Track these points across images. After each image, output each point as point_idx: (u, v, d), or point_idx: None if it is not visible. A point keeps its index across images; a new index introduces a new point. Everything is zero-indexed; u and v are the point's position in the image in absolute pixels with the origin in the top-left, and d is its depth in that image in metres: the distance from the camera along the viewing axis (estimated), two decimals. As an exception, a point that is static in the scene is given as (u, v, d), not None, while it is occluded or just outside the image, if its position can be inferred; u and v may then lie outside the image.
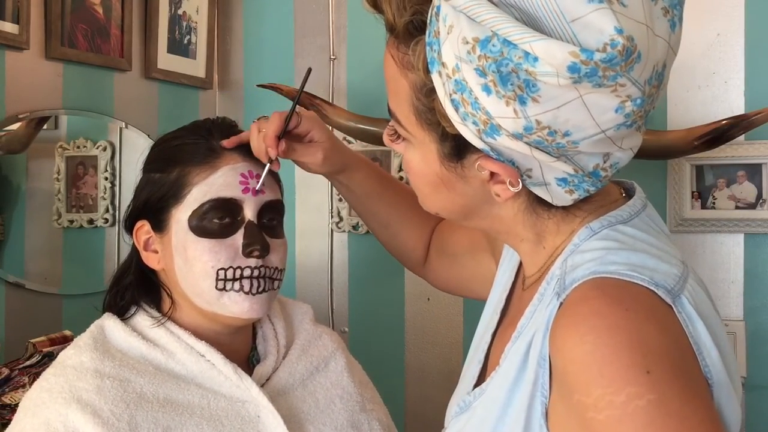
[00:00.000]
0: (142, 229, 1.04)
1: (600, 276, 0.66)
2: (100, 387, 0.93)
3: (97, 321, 1.05)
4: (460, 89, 0.66)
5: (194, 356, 1.00)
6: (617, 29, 0.60)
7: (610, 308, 0.63)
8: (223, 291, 0.99)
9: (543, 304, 0.73)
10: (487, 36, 0.62)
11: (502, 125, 0.65)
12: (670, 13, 0.65)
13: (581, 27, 0.61)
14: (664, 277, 0.66)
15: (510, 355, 0.75)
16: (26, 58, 1.67)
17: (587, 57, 0.59)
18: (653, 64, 0.64)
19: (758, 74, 1.68)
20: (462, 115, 0.67)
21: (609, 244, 0.71)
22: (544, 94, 0.62)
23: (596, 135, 0.65)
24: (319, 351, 1.14)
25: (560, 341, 0.65)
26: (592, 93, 0.62)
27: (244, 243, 0.99)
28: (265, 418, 0.99)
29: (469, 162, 0.72)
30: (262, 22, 2.22)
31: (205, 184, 1.00)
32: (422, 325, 2.04)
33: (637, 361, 0.60)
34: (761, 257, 1.69)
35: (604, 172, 0.70)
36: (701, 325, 0.65)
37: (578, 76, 0.60)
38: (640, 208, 0.77)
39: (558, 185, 0.71)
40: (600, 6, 0.60)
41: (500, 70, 0.62)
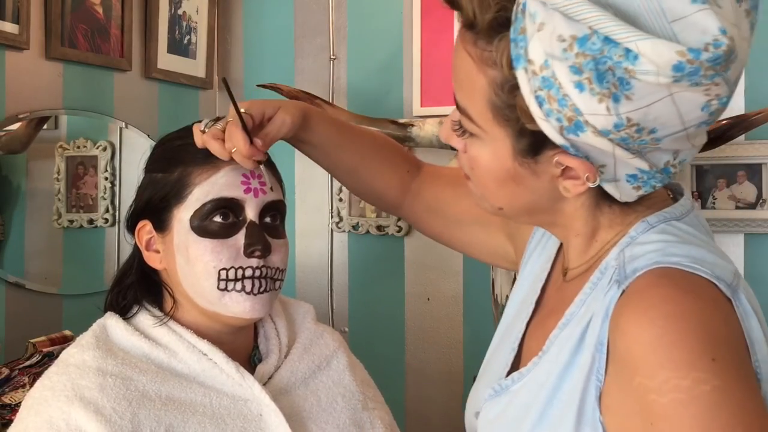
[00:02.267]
0: (144, 228, 1.05)
1: (664, 266, 0.68)
2: (103, 385, 0.93)
3: (99, 320, 1.05)
4: (547, 86, 0.66)
5: (196, 355, 1.00)
6: (722, 30, 0.61)
7: (678, 295, 0.65)
8: (225, 291, 0.99)
9: (598, 292, 0.74)
10: (585, 34, 0.63)
11: (590, 122, 0.66)
12: (751, 15, 0.66)
13: (683, 26, 0.62)
14: (723, 271, 0.68)
15: (559, 342, 0.76)
16: (26, 58, 1.67)
17: (694, 56, 0.60)
18: (742, 64, 0.66)
19: (758, 74, 1.68)
20: (546, 111, 0.68)
21: (668, 237, 0.73)
22: (637, 92, 0.63)
23: (679, 132, 0.67)
24: (321, 350, 1.15)
25: (627, 325, 0.66)
26: (685, 91, 0.63)
27: (245, 243, 0.99)
28: (268, 417, 0.99)
29: (545, 158, 0.73)
30: (262, 22, 2.22)
31: (207, 184, 1.00)
32: (422, 325, 2.04)
33: (705, 348, 0.62)
34: (761, 257, 1.69)
35: (674, 169, 0.72)
36: (755, 321, 0.67)
37: (681, 74, 0.61)
38: (690, 208, 0.78)
39: (627, 181, 0.72)
40: (704, 6, 0.61)
41: (598, 67, 0.63)
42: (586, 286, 0.76)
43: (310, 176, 2.12)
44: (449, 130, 0.81)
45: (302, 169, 2.16)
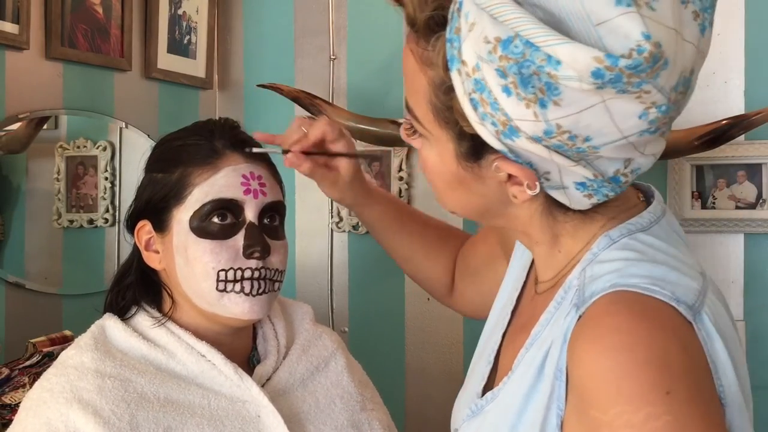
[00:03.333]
0: (143, 228, 1.05)
1: (621, 289, 0.65)
2: (101, 387, 0.93)
3: (97, 321, 1.05)
4: (479, 89, 0.64)
5: (195, 356, 1.00)
6: (644, 35, 0.58)
7: (631, 324, 0.62)
8: (224, 292, 0.99)
9: (560, 313, 0.71)
10: (509, 36, 0.61)
11: (521, 128, 0.64)
12: (701, 17, 0.64)
13: (607, 31, 0.59)
14: (685, 291, 0.65)
15: (524, 363, 0.74)
16: (26, 58, 1.67)
17: (612, 63, 0.58)
18: (680, 70, 0.62)
19: (758, 74, 1.68)
20: (481, 115, 0.66)
21: (629, 255, 0.69)
22: (565, 98, 0.61)
23: (618, 141, 0.63)
24: (319, 351, 1.14)
25: (580, 355, 0.64)
26: (615, 99, 0.60)
27: (244, 244, 0.99)
28: (266, 418, 0.99)
29: (487, 162, 0.71)
30: (262, 22, 2.22)
31: (207, 185, 1.00)
32: (422, 325, 2.04)
33: (657, 380, 0.59)
34: (761, 257, 1.69)
35: (625, 178, 0.69)
36: (720, 343, 0.64)
37: (602, 81, 0.59)
38: (660, 215, 0.75)
39: (576, 189, 0.69)
40: (628, 10, 0.59)
41: (521, 72, 0.61)
42: (551, 305, 0.74)
43: (310, 176, 2.12)
44: (404, 130, 0.79)
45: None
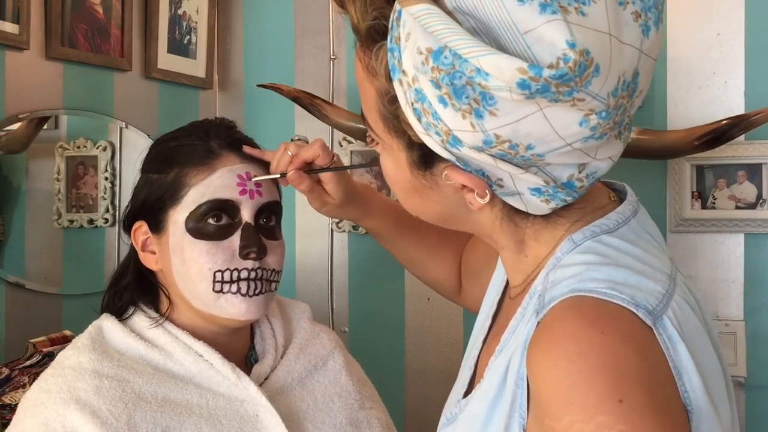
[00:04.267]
0: (140, 229, 1.05)
1: (578, 294, 0.64)
2: (99, 387, 0.93)
3: (95, 322, 1.05)
4: (420, 99, 0.63)
5: (192, 356, 1.00)
6: (569, 43, 0.57)
7: (585, 331, 0.61)
8: (220, 293, 0.99)
9: (524, 320, 0.70)
10: (439, 47, 0.60)
11: (461, 138, 0.63)
12: (643, 17, 0.62)
13: (534, 39, 0.58)
14: (646, 295, 0.63)
15: (492, 370, 0.73)
16: (26, 58, 1.67)
17: (536, 74, 0.57)
18: (618, 74, 0.60)
19: (758, 74, 1.68)
20: (425, 125, 0.65)
21: (590, 258, 0.68)
22: (501, 108, 0.60)
23: (562, 148, 0.62)
24: (317, 350, 1.14)
25: (534, 364, 0.63)
26: (550, 107, 0.59)
27: (240, 245, 0.99)
28: (264, 417, 0.99)
29: (438, 171, 0.70)
30: (262, 22, 2.22)
31: (203, 185, 1.00)
32: (422, 325, 2.04)
33: (610, 389, 0.58)
34: (761, 257, 1.69)
35: (580, 183, 0.67)
36: (683, 347, 0.62)
37: (530, 92, 0.57)
38: (629, 215, 0.73)
39: (532, 195, 0.68)
40: (553, 17, 0.57)
41: (453, 83, 0.60)
42: (518, 311, 0.73)
43: (310, 176, 2.11)
44: (367, 137, 0.78)
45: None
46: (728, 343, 1.68)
